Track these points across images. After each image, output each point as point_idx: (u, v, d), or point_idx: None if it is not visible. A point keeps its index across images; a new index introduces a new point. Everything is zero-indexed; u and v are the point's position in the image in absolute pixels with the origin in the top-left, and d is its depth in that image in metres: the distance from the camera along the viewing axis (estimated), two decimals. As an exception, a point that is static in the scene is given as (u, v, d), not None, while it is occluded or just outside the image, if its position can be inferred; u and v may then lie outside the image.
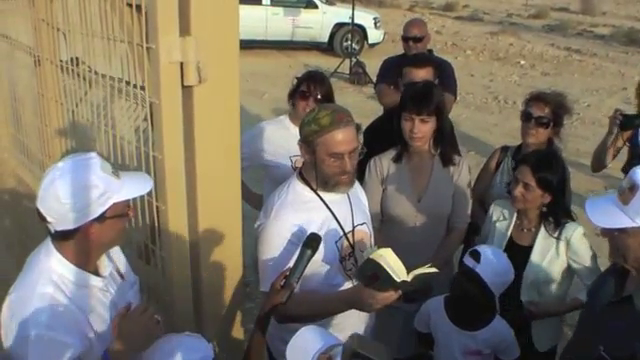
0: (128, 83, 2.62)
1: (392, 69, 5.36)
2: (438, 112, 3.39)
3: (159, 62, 2.32)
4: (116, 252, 2.42)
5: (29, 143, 3.96)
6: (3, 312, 2.13)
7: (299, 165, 3.83)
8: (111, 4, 2.52)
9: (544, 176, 3.19)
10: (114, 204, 2.11)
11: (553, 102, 3.69)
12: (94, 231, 2.11)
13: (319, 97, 3.85)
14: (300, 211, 2.72)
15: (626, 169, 4.33)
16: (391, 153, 3.59)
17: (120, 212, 2.16)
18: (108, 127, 2.85)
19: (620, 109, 4.21)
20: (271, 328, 2.64)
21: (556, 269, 3.29)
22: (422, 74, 4.07)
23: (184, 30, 2.35)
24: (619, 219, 2.17)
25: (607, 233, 2.29)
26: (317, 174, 2.72)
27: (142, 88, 2.53)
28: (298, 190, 2.79)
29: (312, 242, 2.51)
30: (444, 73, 5.29)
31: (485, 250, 3.09)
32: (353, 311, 2.76)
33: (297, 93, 3.91)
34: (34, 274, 2.14)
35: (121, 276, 2.40)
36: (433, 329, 3.33)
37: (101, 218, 2.10)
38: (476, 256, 3.04)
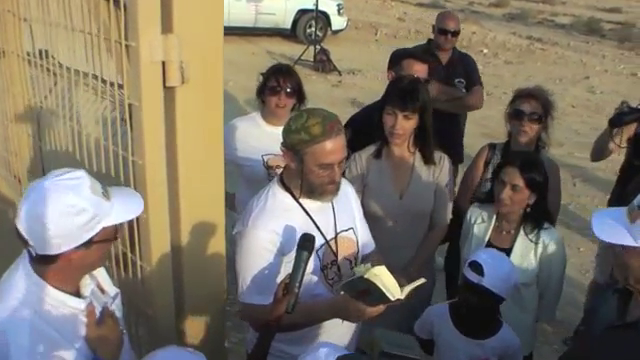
0: (103, 80, 2.47)
1: None
2: (422, 110, 3.30)
3: (140, 61, 2.15)
4: None
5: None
6: None
7: (272, 164, 3.73)
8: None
9: (532, 176, 3.15)
10: (103, 228, 1.95)
11: (541, 96, 3.68)
12: (78, 256, 1.94)
13: (289, 90, 3.77)
14: (279, 218, 2.61)
15: (624, 170, 4.26)
16: (371, 149, 3.50)
17: (109, 236, 2.00)
18: (78, 126, 2.68)
19: (627, 101, 3.98)
20: (251, 335, 2.54)
21: (532, 273, 3.27)
22: (422, 69, 4.03)
23: (166, 28, 2.18)
24: (622, 236, 2.08)
25: (611, 249, 2.22)
26: (302, 182, 2.61)
27: (120, 87, 2.37)
28: (278, 197, 2.68)
29: (306, 243, 2.41)
30: (469, 67, 5.35)
31: (485, 259, 2.98)
32: (339, 320, 2.68)
33: (266, 89, 3.80)
34: (11, 300, 1.96)
35: (102, 291, 2.25)
36: (436, 336, 3.24)
37: (88, 243, 1.93)
38: (478, 269, 2.94)
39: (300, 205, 2.67)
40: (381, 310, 2.46)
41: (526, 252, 3.25)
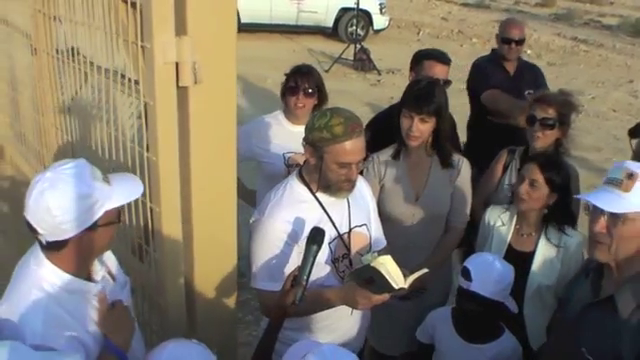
0: (123, 77, 2.58)
1: (491, 73, 5.24)
2: (439, 113, 3.32)
3: (154, 62, 2.26)
4: (107, 254, 2.37)
5: (26, 132, 3.91)
6: None
7: (293, 162, 3.81)
8: (107, -1, 2.45)
9: (551, 174, 3.14)
10: (106, 212, 2.06)
11: (556, 102, 3.63)
12: (86, 240, 2.06)
13: (310, 91, 3.84)
14: (295, 210, 2.71)
15: None
16: (389, 150, 3.54)
17: (112, 219, 2.11)
18: (104, 122, 2.80)
19: None
20: (264, 323, 2.62)
21: (556, 276, 3.21)
22: (443, 71, 4.03)
23: (180, 30, 2.29)
24: (627, 204, 2.22)
25: (610, 224, 2.27)
26: (320, 177, 2.70)
27: (136, 83, 2.48)
28: (295, 189, 2.78)
29: (317, 236, 2.50)
30: (538, 77, 5.17)
31: (474, 264, 3.01)
32: (346, 313, 2.81)
33: (286, 89, 3.88)
34: (25, 285, 2.09)
35: (112, 278, 2.36)
36: (437, 341, 3.27)
37: (94, 227, 2.05)
38: (466, 274, 2.97)
39: (316, 198, 2.77)
40: (386, 299, 2.54)
41: (548, 255, 3.21)
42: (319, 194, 2.77)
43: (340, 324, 2.88)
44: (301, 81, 3.84)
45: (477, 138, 5.23)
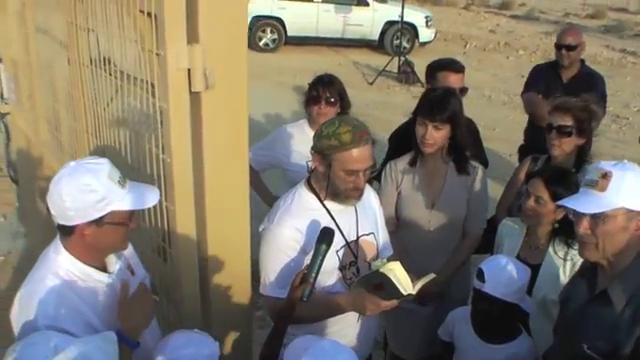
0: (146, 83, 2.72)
1: (542, 77, 5.35)
2: (453, 120, 3.39)
3: (167, 68, 2.39)
4: (129, 249, 2.56)
5: (63, 138, 4.10)
6: (14, 307, 2.26)
7: None
8: (126, 9, 2.61)
9: (558, 190, 3.10)
10: (112, 211, 2.21)
11: (574, 109, 3.59)
12: (90, 233, 2.22)
13: (332, 99, 3.93)
14: (303, 217, 2.78)
15: None
16: (407, 157, 3.62)
17: (119, 220, 2.26)
18: (127, 126, 2.95)
19: None
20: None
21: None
22: (457, 79, 4.08)
23: (192, 38, 2.42)
24: (604, 204, 2.28)
25: (592, 225, 2.33)
26: (328, 185, 2.77)
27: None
28: (304, 197, 2.85)
29: (326, 237, 2.57)
30: (594, 85, 5.20)
31: (488, 266, 3.05)
32: (355, 319, 2.89)
33: (309, 98, 3.98)
34: (43, 270, 2.28)
35: (132, 272, 2.53)
36: (456, 339, 3.32)
37: (99, 222, 2.21)
38: (480, 275, 3.02)
39: (324, 206, 2.84)
40: (394, 305, 2.62)
41: (554, 268, 3.21)
42: (327, 202, 2.83)
43: (348, 330, 2.93)
44: (323, 90, 3.95)
45: (527, 142, 5.42)
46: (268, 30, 16.95)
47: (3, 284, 5.14)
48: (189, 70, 2.44)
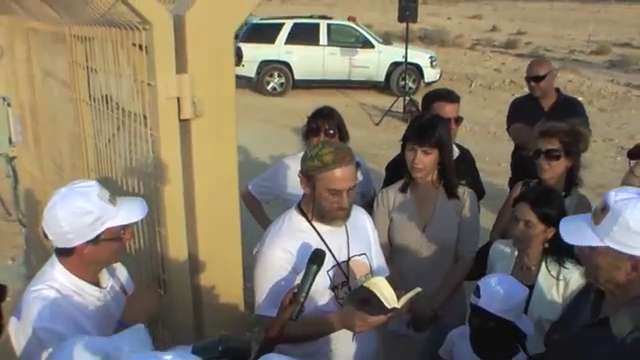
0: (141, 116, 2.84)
1: (522, 109, 5.46)
2: (440, 145, 3.47)
3: (157, 97, 2.52)
4: (119, 269, 2.68)
5: (66, 177, 4.22)
6: (12, 318, 2.40)
7: None
8: (121, 44, 2.74)
9: (545, 211, 3.15)
10: (108, 228, 2.34)
11: (560, 132, 3.65)
12: (89, 251, 2.35)
13: (331, 132, 4.01)
14: (293, 239, 2.86)
15: None
16: (398, 184, 3.70)
17: (115, 235, 2.39)
18: (126, 157, 3.06)
19: None
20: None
21: (557, 309, 3.21)
22: (452, 109, 4.16)
23: (181, 68, 2.55)
24: (589, 238, 2.21)
25: (580, 252, 2.33)
26: (314, 206, 2.85)
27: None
28: (294, 220, 2.93)
29: (317, 258, 2.62)
30: (575, 111, 5.24)
31: (485, 282, 3.07)
32: (349, 338, 2.91)
33: (308, 130, 4.08)
34: (39, 282, 2.41)
35: (124, 292, 2.64)
36: (455, 357, 3.33)
37: (96, 240, 2.33)
38: (476, 291, 3.04)
39: (313, 227, 2.92)
40: (382, 320, 2.65)
41: (548, 288, 3.23)
42: (315, 223, 2.90)
43: (343, 350, 2.97)
44: (322, 122, 4.03)
45: (516, 173, 5.46)
46: (275, 74, 17.27)
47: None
48: (178, 99, 2.56)
